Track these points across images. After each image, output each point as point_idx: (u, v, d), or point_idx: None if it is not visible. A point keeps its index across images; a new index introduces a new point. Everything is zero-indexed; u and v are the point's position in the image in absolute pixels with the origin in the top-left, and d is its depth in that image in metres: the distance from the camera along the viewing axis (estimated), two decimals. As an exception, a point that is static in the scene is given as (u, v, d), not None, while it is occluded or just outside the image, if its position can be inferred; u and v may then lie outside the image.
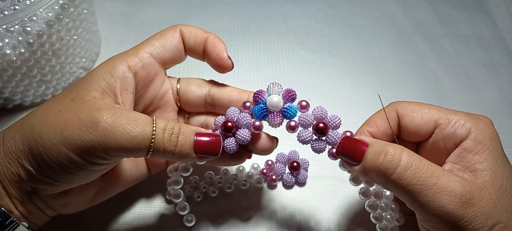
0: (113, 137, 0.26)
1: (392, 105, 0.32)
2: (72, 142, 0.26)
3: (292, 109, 0.30)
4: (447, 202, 0.25)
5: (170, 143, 0.28)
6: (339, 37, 0.54)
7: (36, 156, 0.27)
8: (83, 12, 0.44)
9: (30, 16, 0.37)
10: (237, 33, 0.54)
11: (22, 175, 0.27)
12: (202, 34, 0.33)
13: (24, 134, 0.27)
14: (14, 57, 0.38)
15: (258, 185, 0.39)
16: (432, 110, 0.31)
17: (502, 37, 0.55)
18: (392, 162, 0.27)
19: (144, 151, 0.27)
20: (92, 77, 0.29)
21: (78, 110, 0.27)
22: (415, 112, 0.31)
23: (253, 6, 0.57)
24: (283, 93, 0.31)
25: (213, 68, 0.34)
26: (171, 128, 0.28)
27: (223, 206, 0.38)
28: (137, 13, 0.55)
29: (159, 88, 0.34)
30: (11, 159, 0.27)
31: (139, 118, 0.28)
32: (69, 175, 0.27)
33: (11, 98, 0.43)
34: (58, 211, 0.31)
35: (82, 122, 0.26)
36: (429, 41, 0.54)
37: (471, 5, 0.59)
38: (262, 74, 0.49)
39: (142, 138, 0.27)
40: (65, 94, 0.29)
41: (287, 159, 0.40)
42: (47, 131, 0.27)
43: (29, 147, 0.27)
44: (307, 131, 0.30)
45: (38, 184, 0.28)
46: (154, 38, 0.33)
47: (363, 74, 0.50)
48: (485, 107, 0.47)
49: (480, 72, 0.51)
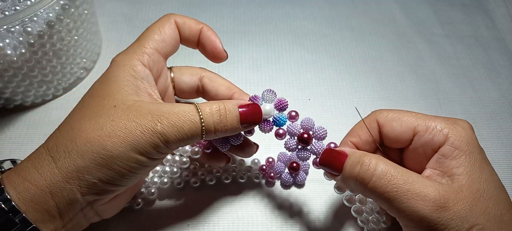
0: (172, 135, 0.28)
1: (372, 114, 0.33)
2: (138, 146, 0.28)
3: (282, 119, 0.33)
4: (422, 207, 0.26)
5: (220, 124, 0.30)
6: (339, 38, 0.54)
7: (104, 168, 0.27)
8: (84, 13, 0.44)
9: (31, 16, 0.37)
10: (237, 33, 0.54)
11: (84, 190, 0.28)
12: (196, 25, 0.34)
13: (82, 151, 0.27)
14: (15, 58, 0.38)
15: (256, 180, 0.39)
16: (410, 118, 0.31)
17: (502, 37, 0.55)
18: (368, 172, 0.28)
19: (199, 137, 0.30)
20: (119, 82, 0.30)
21: (131, 116, 0.28)
22: (394, 120, 0.32)
23: (253, 7, 0.58)
24: (275, 102, 0.33)
25: (208, 58, 0.36)
26: (217, 109, 0.30)
27: (218, 195, 0.39)
28: (137, 13, 0.55)
29: (165, 81, 0.35)
30: (71, 178, 0.27)
31: (186, 109, 0.29)
32: (135, 176, 0.29)
33: (12, 99, 0.43)
34: (103, 216, 0.32)
35: (142, 126, 0.28)
36: (429, 42, 0.54)
37: (471, 6, 0.60)
38: (262, 75, 0.49)
39: (195, 128, 0.29)
40: (100, 103, 0.29)
41: (288, 159, 0.40)
42: (109, 141, 0.27)
43: (93, 160, 0.27)
44: (293, 139, 0.33)
45: (102, 194, 0.29)
46: (152, 32, 0.33)
47: (362, 74, 0.50)
48: (484, 108, 0.47)
49: (479, 72, 0.51)
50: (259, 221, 0.37)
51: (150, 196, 0.37)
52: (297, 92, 0.48)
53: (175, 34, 0.34)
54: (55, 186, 0.27)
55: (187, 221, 0.37)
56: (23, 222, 0.26)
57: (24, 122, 0.44)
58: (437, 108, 0.47)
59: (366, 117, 0.33)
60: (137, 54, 0.31)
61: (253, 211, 0.38)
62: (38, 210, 0.27)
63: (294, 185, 0.40)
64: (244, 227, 0.37)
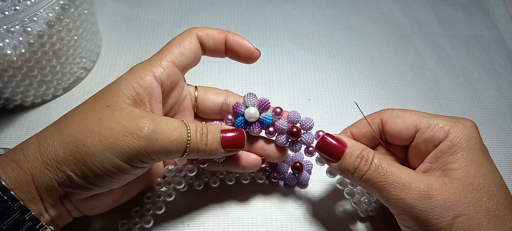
0: (156, 142, 0.28)
1: (378, 112, 0.34)
2: (118, 149, 0.28)
3: (268, 118, 0.34)
4: (406, 195, 0.28)
5: (202, 142, 0.30)
6: (339, 38, 0.54)
7: (80, 162, 0.28)
8: (84, 13, 0.44)
9: (30, 16, 0.37)
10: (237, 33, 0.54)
11: (61, 180, 0.28)
12: (220, 35, 0.35)
13: (64, 142, 0.28)
14: (14, 58, 0.38)
15: (259, 181, 0.39)
16: (413, 116, 0.33)
17: (501, 37, 0.55)
18: (365, 165, 0.30)
19: (181, 152, 0.30)
20: (121, 86, 0.31)
21: (119, 118, 0.29)
22: (398, 118, 0.33)
23: (253, 6, 0.58)
24: (257, 103, 0.34)
25: (242, 61, 0.36)
26: (200, 128, 0.31)
27: (219, 195, 0.39)
28: (137, 13, 0.55)
29: (179, 94, 0.36)
30: (50, 165, 0.28)
31: (175, 122, 0.30)
32: (110, 179, 0.29)
33: (11, 99, 0.43)
34: (84, 212, 0.32)
35: (126, 130, 0.28)
36: (429, 42, 0.54)
37: (471, 6, 0.60)
38: (262, 75, 0.49)
39: (181, 140, 0.29)
40: (96, 101, 0.31)
41: (291, 159, 0.40)
42: (90, 138, 0.28)
43: (72, 153, 0.28)
44: (282, 135, 0.35)
45: (77, 188, 0.29)
46: (173, 45, 0.34)
47: (362, 74, 0.50)
48: (484, 107, 0.47)
49: (479, 72, 0.51)
50: (259, 221, 0.37)
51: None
52: (297, 92, 0.48)
53: (195, 47, 0.34)
54: (35, 170, 0.28)
55: (187, 221, 0.37)
56: (12, 199, 0.28)
57: (24, 122, 0.43)
58: (437, 108, 0.47)
59: (371, 114, 0.34)
60: (152, 65, 0.32)
61: (254, 211, 0.38)
62: (22, 190, 0.28)
63: (298, 185, 0.40)
64: (245, 227, 0.37)
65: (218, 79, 0.49)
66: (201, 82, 0.48)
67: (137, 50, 0.51)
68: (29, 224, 0.28)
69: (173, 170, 0.37)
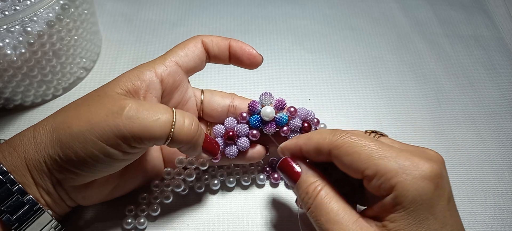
0: (138, 121, 0.28)
1: (330, 134, 0.30)
2: (98, 129, 0.28)
3: (284, 118, 0.35)
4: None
5: (191, 130, 0.30)
6: (339, 38, 0.54)
7: (63, 144, 0.28)
8: (84, 13, 0.44)
9: (30, 16, 0.37)
10: (237, 33, 0.54)
11: (48, 163, 0.29)
12: (224, 42, 0.36)
13: (54, 126, 0.29)
14: (14, 58, 0.38)
15: (260, 182, 0.39)
16: (362, 157, 0.28)
17: (502, 37, 0.55)
18: (309, 200, 0.29)
19: (165, 136, 0.29)
20: (120, 79, 0.32)
21: (104, 101, 0.29)
22: (346, 155, 0.28)
23: (252, 6, 0.58)
24: (274, 103, 0.35)
25: (246, 67, 0.36)
26: (191, 117, 0.30)
27: (219, 196, 0.39)
28: (137, 13, 0.55)
29: (183, 95, 0.36)
30: (39, 148, 0.29)
31: (160, 105, 0.30)
32: (93, 164, 0.29)
33: (11, 99, 0.43)
34: (78, 202, 0.33)
35: (108, 110, 0.28)
36: (429, 42, 0.54)
37: (471, 6, 0.60)
38: (262, 75, 0.49)
39: (164, 122, 0.29)
40: (92, 92, 0.32)
41: None
42: (76, 121, 0.29)
43: (57, 136, 0.29)
44: (295, 133, 0.36)
45: (63, 173, 0.29)
46: (177, 48, 0.35)
47: (362, 74, 0.50)
48: (484, 108, 0.47)
49: (479, 72, 0.51)
50: (260, 221, 0.37)
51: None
52: (297, 92, 0.48)
53: (200, 51, 0.35)
54: (28, 153, 0.29)
55: (187, 221, 0.37)
56: (10, 182, 0.29)
57: (24, 122, 0.43)
58: (437, 108, 0.47)
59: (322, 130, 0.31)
60: (155, 63, 0.33)
61: (254, 212, 0.38)
62: (18, 174, 0.29)
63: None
64: (245, 227, 0.37)
65: (218, 79, 0.49)
66: (202, 82, 0.48)
67: (137, 50, 0.51)
68: (27, 206, 0.29)
69: (172, 173, 0.37)
